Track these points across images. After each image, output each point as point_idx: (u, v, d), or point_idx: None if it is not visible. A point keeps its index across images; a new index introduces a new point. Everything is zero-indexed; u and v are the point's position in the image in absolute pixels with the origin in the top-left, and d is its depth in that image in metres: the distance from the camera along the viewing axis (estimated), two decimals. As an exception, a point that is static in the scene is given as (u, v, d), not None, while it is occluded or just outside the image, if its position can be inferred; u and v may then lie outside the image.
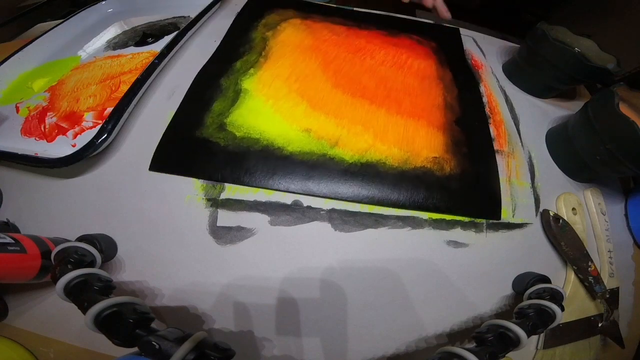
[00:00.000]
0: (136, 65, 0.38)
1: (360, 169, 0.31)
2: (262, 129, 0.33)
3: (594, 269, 0.29)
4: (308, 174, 0.30)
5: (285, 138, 0.32)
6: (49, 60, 0.38)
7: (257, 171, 0.30)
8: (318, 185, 0.30)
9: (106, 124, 0.29)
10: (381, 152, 0.33)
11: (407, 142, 0.34)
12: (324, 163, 0.31)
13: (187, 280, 0.26)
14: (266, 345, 0.25)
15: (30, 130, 0.32)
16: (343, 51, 0.43)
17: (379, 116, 0.36)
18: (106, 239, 0.26)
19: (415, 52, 0.45)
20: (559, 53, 0.37)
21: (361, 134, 0.34)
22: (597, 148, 0.31)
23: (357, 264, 0.28)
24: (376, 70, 0.41)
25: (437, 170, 0.32)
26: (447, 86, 0.41)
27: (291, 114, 0.34)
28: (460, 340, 0.27)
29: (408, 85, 0.40)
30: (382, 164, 0.32)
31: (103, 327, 0.17)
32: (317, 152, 0.32)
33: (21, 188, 0.29)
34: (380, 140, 0.34)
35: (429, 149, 0.34)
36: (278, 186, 0.30)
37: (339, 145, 0.33)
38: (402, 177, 0.31)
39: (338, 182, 0.30)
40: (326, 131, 0.34)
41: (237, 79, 0.37)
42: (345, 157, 0.32)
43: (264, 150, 0.31)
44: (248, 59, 0.39)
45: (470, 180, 0.32)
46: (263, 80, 0.37)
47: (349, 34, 0.45)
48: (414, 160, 0.33)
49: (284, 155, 0.31)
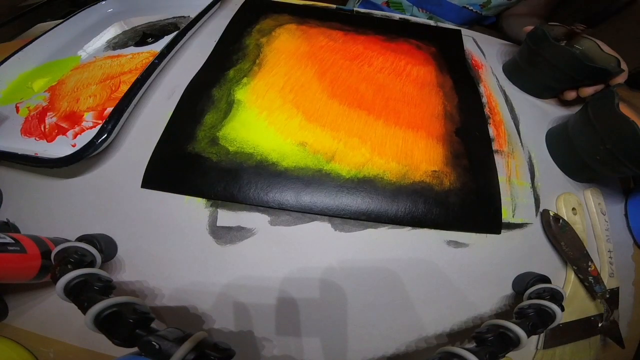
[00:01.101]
0: (136, 65, 0.38)
1: (358, 184, 0.30)
2: (256, 143, 0.32)
3: (594, 269, 0.29)
4: (304, 190, 0.30)
5: (280, 152, 0.31)
6: (49, 60, 0.38)
7: (251, 189, 0.29)
8: (314, 202, 0.29)
9: (106, 124, 0.29)
10: (379, 167, 0.32)
11: (406, 155, 0.33)
12: (319, 179, 0.30)
13: (187, 280, 0.26)
14: (266, 345, 0.25)
15: (30, 130, 0.32)
16: (340, 58, 0.42)
17: (377, 128, 0.35)
18: (106, 239, 0.26)
19: (415, 58, 0.44)
20: (560, 53, 0.37)
21: (358, 147, 0.33)
22: (597, 148, 0.31)
23: (357, 264, 0.28)
24: (374, 78, 0.40)
25: (437, 185, 0.31)
26: (447, 94, 0.40)
27: (286, 126, 0.33)
28: (460, 340, 0.27)
29: (407, 93, 0.39)
30: (379, 179, 0.31)
31: (103, 327, 0.17)
32: (312, 168, 0.31)
33: (21, 188, 0.29)
34: (378, 153, 0.33)
35: (428, 162, 0.33)
36: (273, 204, 0.29)
37: (335, 159, 0.32)
38: (400, 193, 0.30)
39: (334, 199, 0.29)
40: (322, 145, 0.33)
41: (230, 89, 0.36)
42: (341, 173, 0.31)
43: (258, 166, 0.30)
44: (241, 67, 0.38)
45: (470, 195, 0.31)
46: (257, 91, 0.36)
47: (346, 39, 0.45)
48: (412, 175, 0.32)
49: (279, 171, 0.30)
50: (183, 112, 0.33)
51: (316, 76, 0.39)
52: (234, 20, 0.45)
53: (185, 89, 0.35)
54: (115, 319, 0.17)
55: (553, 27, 0.40)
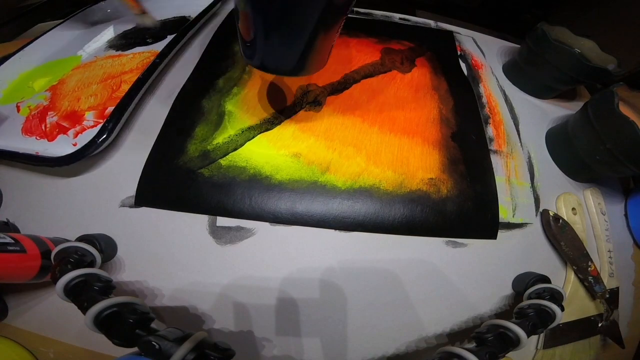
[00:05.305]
0: (137, 65, 0.37)
1: (354, 195, 0.30)
2: (248, 156, 0.31)
3: (593, 268, 0.29)
4: (299, 203, 0.29)
5: (273, 165, 0.31)
6: (50, 60, 0.38)
7: (244, 204, 0.28)
8: (310, 215, 0.29)
9: (107, 123, 0.29)
10: (375, 176, 0.31)
11: (402, 163, 0.32)
12: (315, 191, 0.30)
13: (187, 280, 0.26)
14: (266, 345, 0.25)
15: (31, 130, 0.32)
16: (332, 63, 0.40)
17: (372, 135, 0.34)
18: (106, 239, 0.26)
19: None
20: (559, 53, 0.37)
21: (353, 157, 0.32)
22: (597, 148, 0.31)
23: (357, 264, 0.28)
24: (367, 83, 0.39)
25: (433, 192, 0.31)
26: (442, 97, 0.39)
27: (279, 137, 0.33)
28: (460, 340, 0.27)
29: (401, 98, 0.38)
30: (375, 189, 0.31)
31: (103, 327, 0.17)
32: (307, 180, 0.30)
33: (21, 188, 0.29)
34: (374, 162, 0.32)
35: (425, 170, 0.32)
36: (267, 218, 0.28)
37: (331, 170, 0.31)
38: (396, 202, 0.30)
39: (330, 211, 0.29)
40: (316, 155, 0.32)
41: (220, 100, 0.35)
42: (337, 184, 0.30)
43: (251, 180, 0.30)
44: (231, 75, 0.37)
45: (467, 202, 0.31)
46: (247, 101, 0.35)
47: (338, 43, 0.43)
48: (409, 184, 0.31)
49: (273, 185, 0.30)
50: (173, 125, 0.32)
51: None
52: (222, 27, 0.44)
53: (175, 99, 0.34)
54: (115, 319, 0.17)
55: (553, 27, 0.40)
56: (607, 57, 0.37)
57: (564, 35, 0.40)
